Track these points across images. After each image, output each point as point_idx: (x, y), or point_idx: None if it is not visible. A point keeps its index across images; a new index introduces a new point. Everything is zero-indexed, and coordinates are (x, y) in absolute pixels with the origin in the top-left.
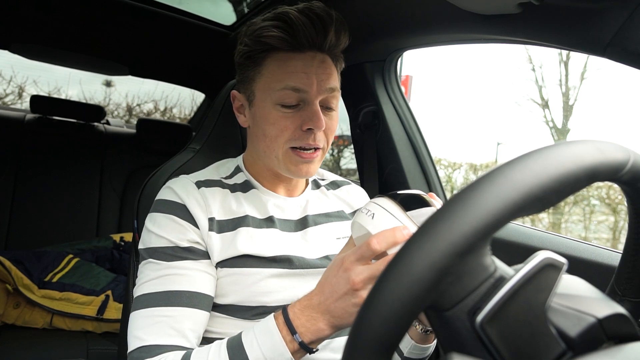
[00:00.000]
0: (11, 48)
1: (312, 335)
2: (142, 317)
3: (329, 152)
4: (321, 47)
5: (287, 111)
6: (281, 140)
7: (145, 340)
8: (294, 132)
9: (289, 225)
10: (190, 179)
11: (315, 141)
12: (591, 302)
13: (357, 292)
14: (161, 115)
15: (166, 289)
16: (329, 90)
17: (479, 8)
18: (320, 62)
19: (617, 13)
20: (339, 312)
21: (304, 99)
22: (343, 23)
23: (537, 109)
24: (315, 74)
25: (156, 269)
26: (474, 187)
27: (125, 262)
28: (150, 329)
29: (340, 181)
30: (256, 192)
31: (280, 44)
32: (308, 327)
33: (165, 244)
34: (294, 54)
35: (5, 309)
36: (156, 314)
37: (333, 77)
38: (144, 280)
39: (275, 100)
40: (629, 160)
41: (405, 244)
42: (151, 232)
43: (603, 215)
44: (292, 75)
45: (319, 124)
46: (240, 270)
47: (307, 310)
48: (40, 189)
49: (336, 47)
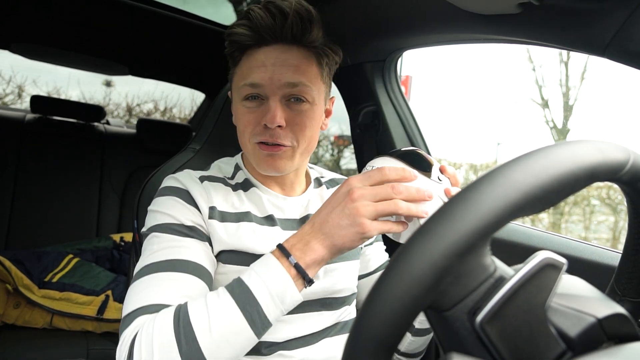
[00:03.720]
0: (11, 48)
1: (306, 257)
2: (144, 282)
3: (329, 152)
4: (283, 37)
5: (250, 106)
6: (247, 135)
7: (147, 300)
8: (256, 127)
9: (290, 225)
10: (194, 173)
11: (274, 137)
12: (591, 302)
13: (353, 203)
14: (161, 115)
15: (172, 257)
16: (289, 85)
17: (479, 8)
18: (282, 53)
19: (617, 13)
20: (330, 227)
21: (263, 94)
22: (309, 12)
23: (537, 109)
24: (273, 66)
25: (160, 242)
26: (474, 187)
27: (125, 262)
28: (151, 290)
29: (339, 179)
30: (256, 191)
31: (246, 40)
32: (301, 249)
33: (170, 220)
34: (259, 49)
35: (5, 309)
36: (160, 278)
37: (299, 69)
38: (147, 254)
39: (240, 96)
40: (629, 160)
41: (405, 244)
42: (155, 211)
43: (603, 215)
44: (252, 70)
45: (271, 120)
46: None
47: (298, 236)
48: (41, 189)
49: (303, 36)
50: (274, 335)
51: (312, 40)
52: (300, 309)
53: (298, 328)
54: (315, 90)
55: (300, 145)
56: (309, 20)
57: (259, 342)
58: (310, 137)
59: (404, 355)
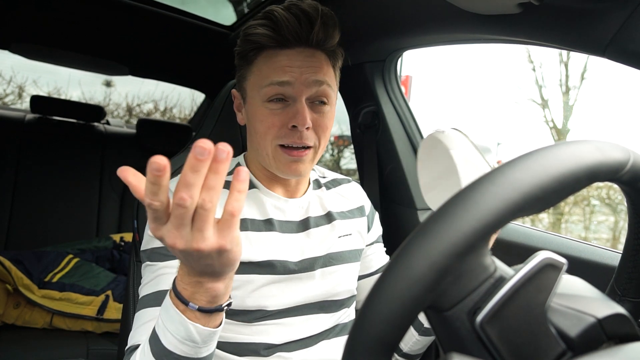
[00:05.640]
0: (11, 48)
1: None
2: (138, 318)
3: (329, 152)
4: (308, 41)
5: (274, 108)
6: (269, 137)
7: (135, 339)
8: (281, 130)
9: (290, 227)
10: None
11: (302, 139)
12: (591, 302)
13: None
14: (161, 115)
15: (157, 289)
16: (316, 83)
17: (479, 8)
18: (307, 57)
19: (617, 13)
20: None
21: (290, 94)
22: (332, 17)
23: (537, 109)
24: (300, 67)
25: (152, 271)
26: (474, 187)
27: (125, 262)
28: (139, 330)
29: (341, 179)
30: (257, 192)
31: (267, 41)
32: (196, 290)
33: (160, 244)
34: (281, 50)
35: (5, 309)
36: (147, 315)
37: (322, 70)
38: (143, 283)
39: (263, 97)
40: (629, 160)
41: (405, 244)
42: (148, 233)
43: (603, 215)
44: (277, 70)
45: (302, 121)
46: (237, 277)
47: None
48: (40, 188)
49: (325, 41)
50: (273, 338)
51: (332, 45)
52: (299, 311)
53: (297, 330)
54: (333, 92)
55: (321, 146)
56: (333, 26)
57: (257, 344)
58: (327, 138)
59: (404, 357)
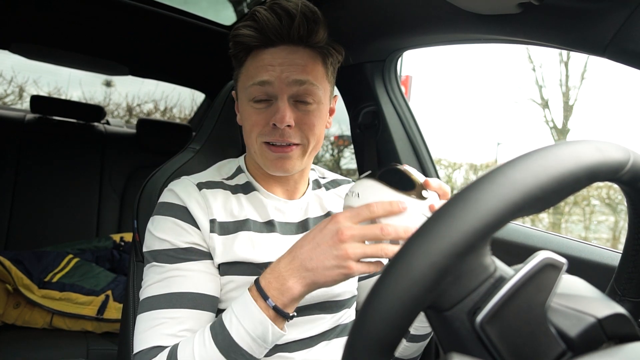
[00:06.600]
0: (11, 48)
1: (284, 297)
2: (147, 319)
3: (329, 152)
4: (290, 38)
5: (259, 106)
6: (254, 135)
7: (148, 342)
8: (264, 128)
9: (290, 229)
10: (192, 180)
11: (284, 137)
12: (591, 302)
13: (342, 244)
14: (161, 115)
15: (169, 291)
16: (296, 82)
17: (479, 8)
18: (289, 53)
19: (617, 13)
20: (315, 264)
21: (272, 93)
22: (314, 12)
23: (537, 109)
24: (281, 66)
25: (159, 272)
26: (474, 187)
27: (125, 262)
28: (153, 331)
29: (341, 180)
30: (257, 195)
31: (252, 41)
32: (278, 288)
33: (167, 246)
34: (266, 49)
35: (5, 309)
36: (160, 316)
37: (306, 69)
38: (148, 284)
39: (248, 96)
40: (629, 160)
41: (405, 244)
42: (153, 234)
43: (603, 215)
44: (259, 69)
45: (280, 120)
46: (239, 278)
47: (276, 272)
48: (40, 189)
49: (309, 37)
50: None
51: (317, 40)
52: (300, 312)
53: (298, 331)
54: (321, 90)
55: (310, 144)
56: (314, 21)
57: None
58: (318, 136)
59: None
